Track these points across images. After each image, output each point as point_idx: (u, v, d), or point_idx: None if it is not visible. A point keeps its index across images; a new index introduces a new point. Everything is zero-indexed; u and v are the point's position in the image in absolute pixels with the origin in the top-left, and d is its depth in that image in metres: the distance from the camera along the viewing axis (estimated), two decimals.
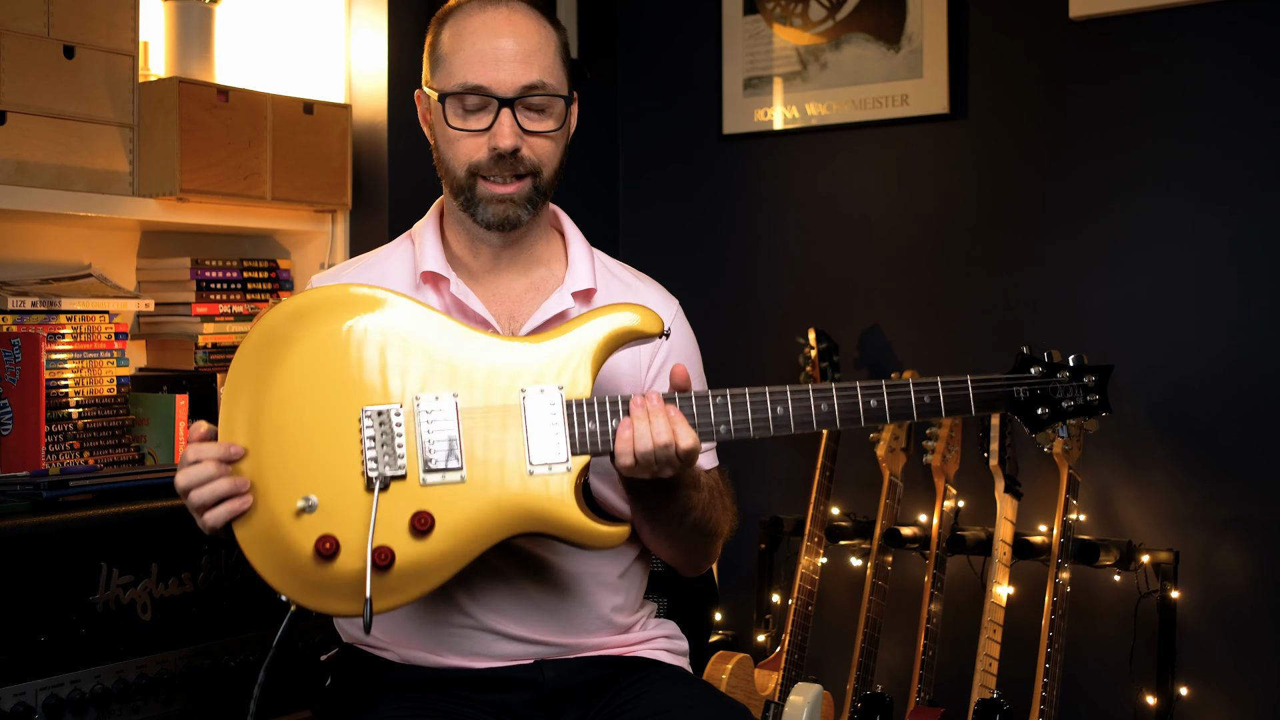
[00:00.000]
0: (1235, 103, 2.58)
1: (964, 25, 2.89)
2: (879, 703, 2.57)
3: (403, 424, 1.50)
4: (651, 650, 1.77)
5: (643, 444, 1.50)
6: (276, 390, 1.50)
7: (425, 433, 1.50)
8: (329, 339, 1.53)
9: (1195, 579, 2.60)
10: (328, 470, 1.48)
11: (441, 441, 1.50)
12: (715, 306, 3.22)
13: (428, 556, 1.47)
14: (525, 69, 1.66)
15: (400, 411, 1.51)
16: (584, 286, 1.76)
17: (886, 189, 3.01)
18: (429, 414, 1.51)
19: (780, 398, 1.58)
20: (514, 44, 1.66)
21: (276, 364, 1.51)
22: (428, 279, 1.74)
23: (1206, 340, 2.61)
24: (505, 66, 1.66)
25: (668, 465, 1.52)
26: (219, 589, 2.04)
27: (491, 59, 1.66)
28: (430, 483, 1.49)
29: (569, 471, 1.51)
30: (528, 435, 1.51)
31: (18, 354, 2.18)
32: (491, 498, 1.50)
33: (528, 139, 1.67)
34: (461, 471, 1.50)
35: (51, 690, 1.83)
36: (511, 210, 1.68)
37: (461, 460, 1.50)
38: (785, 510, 3.03)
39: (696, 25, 3.28)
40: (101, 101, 2.32)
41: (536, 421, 1.52)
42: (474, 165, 1.68)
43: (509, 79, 1.65)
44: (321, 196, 2.63)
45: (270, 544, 1.46)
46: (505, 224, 1.69)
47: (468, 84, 1.66)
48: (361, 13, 2.82)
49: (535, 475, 1.51)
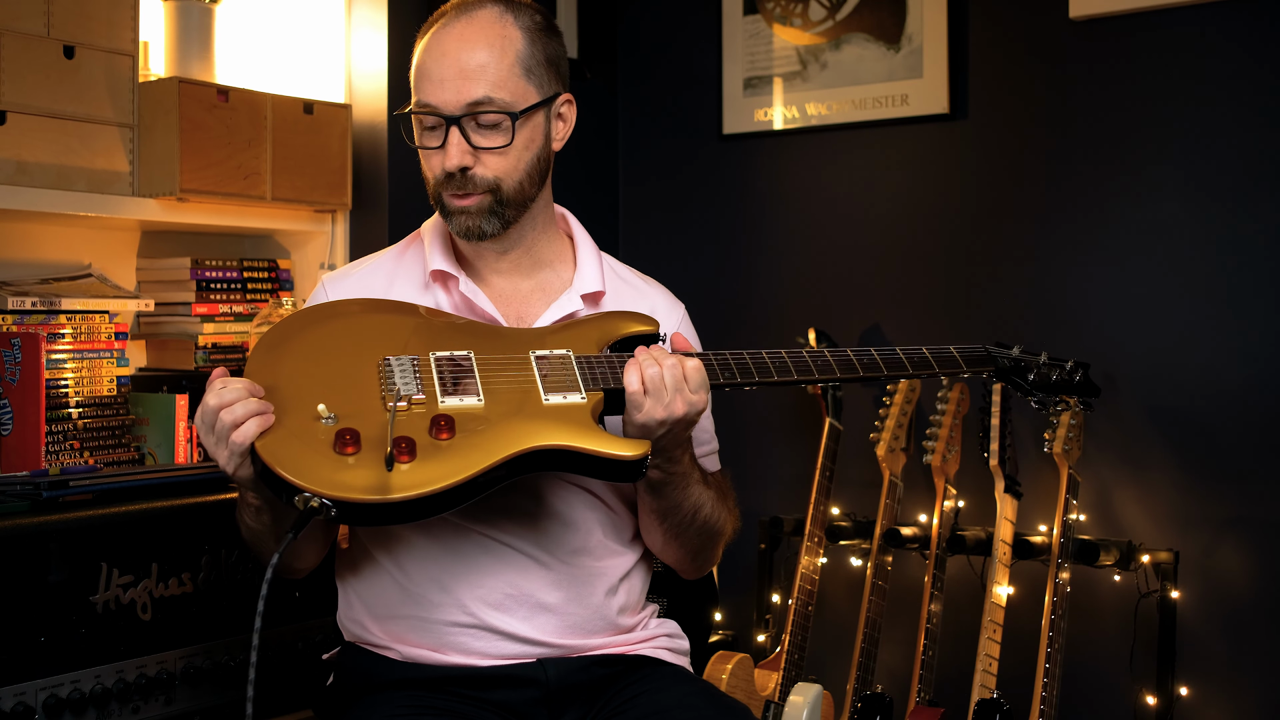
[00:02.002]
0: (1235, 102, 2.58)
1: (964, 25, 2.89)
2: (879, 703, 2.57)
3: (420, 368, 1.56)
4: (653, 650, 1.78)
5: (650, 369, 1.54)
6: (296, 350, 1.58)
7: (443, 372, 1.55)
8: (351, 322, 1.63)
9: (1195, 579, 2.60)
10: (349, 397, 1.52)
11: (458, 376, 1.55)
12: (715, 306, 3.22)
13: (449, 453, 1.47)
14: (470, 86, 1.66)
15: (418, 360, 1.57)
16: (593, 289, 1.76)
17: (886, 189, 3.01)
18: (447, 360, 1.57)
19: (777, 356, 1.67)
20: (460, 61, 1.66)
21: (299, 337, 1.61)
22: (437, 278, 1.75)
23: (1206, 340, 2.61)
24: (449, 85, 1.66)
25: (678, 397, 1.54)
26: (219, 589, 2.04)
27: (438, 77, 1.67)
28: (448, 404, 1.52)
29: (584, 400, 1.54)
30: (540, 378, 1.56)
31: (18, 354, 2.18)
32: (509, 417, 1.52)
33: (480, 155, 1.68)
34: (479, 398, 1.53)
35: (51, 690, 1.83)
36: (472, 222, 1.69)
37: (479, 391, 1.54)
38: (785, 510, 3.03)
39: (696, 25, 3.28)
40: (101, 101, 2.32)
41: (548, 370, 1.58)
42: (436, 180, 1.71)
43: (453, 98, 1.66)
44: (321, 196, 2.63)
45: (292, 443, 1.46)
46: (470, 235, 1.71)
47: (420, 102, 1.69)
48: (361, 13, 2.82)
49: (550, 403, 1.54)
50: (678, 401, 1.54)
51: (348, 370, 1.55)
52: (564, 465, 1.52)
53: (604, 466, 1.51)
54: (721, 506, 1.74)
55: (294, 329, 1.62)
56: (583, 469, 1.52)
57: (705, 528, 1.71)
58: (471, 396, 1.53)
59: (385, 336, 1.60)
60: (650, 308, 1.81)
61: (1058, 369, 1.90)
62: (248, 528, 1.66)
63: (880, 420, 2.77)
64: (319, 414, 1.48)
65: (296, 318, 1.65)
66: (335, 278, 1.82)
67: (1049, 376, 1.88)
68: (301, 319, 1.65)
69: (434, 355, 1.57)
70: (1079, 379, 1.91)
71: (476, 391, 1.53)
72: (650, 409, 1.53)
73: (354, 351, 1.58)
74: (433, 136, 1.70)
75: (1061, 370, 1.90)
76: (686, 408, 1.54)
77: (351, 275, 1.81)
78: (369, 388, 1.53)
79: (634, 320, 1.68)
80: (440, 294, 1.75)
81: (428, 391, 1.52)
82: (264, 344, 1.60)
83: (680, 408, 1.54)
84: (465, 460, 1.45)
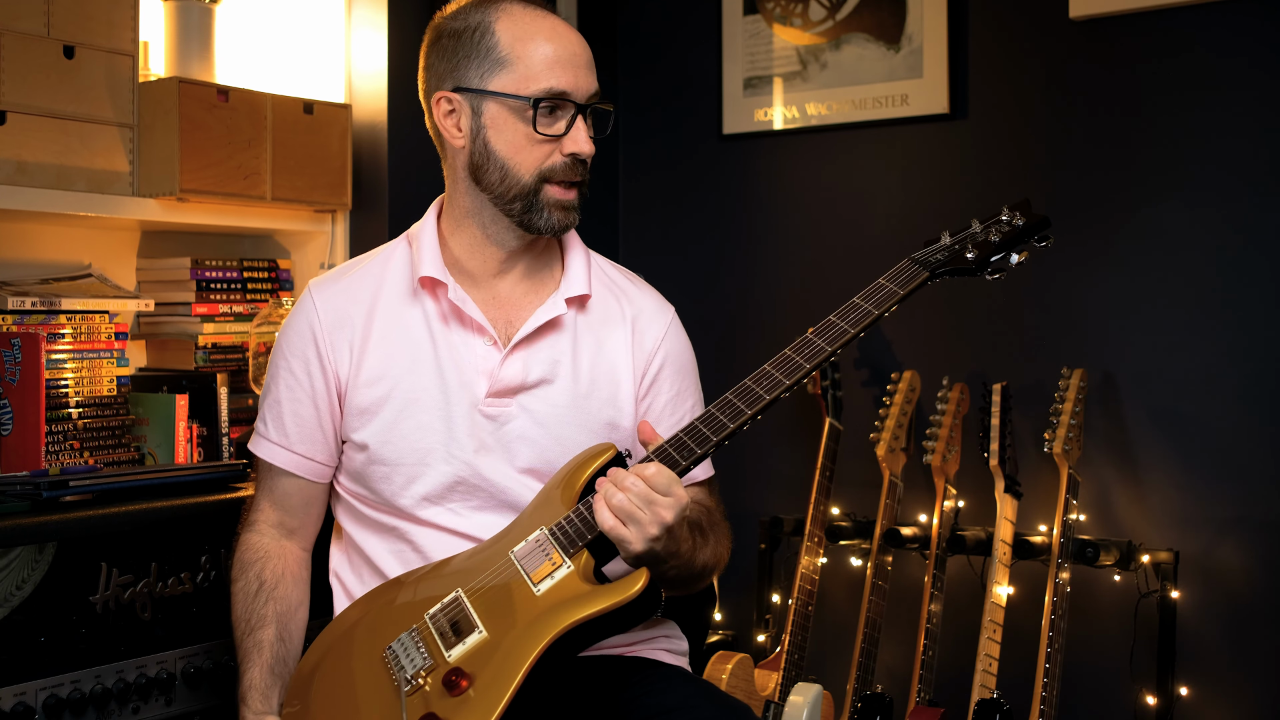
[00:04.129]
0: (1236, 102, 2.58)
1: (964, 25, 2.89)
2: (879, 703, 2.57)
3: (421, 634, 1.56)
4: (651, 650, 1.78)
5: (615, 499, 1.51)
6: (320, 701, 1.63)
7: (441, 627, 1.55)
8: (352, 639, 1.66)
9: (1195, 579, 2.60)
10: (378, 708, 1.54)
11: (455, 620, 1.55)
12: (715, 307, 3.22)
13: (477, 699, 1.47)
14: (593, 76, 1.70)
15: (416, 629, 1.57)
16: (578, 293, 1.77)
17: (886, 189, 3.01)
18: (441, 612, 1.57)
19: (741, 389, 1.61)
20: (584, 51, 1.70)
21: (314, 687, 1.66)
22: (425, 284, 1.75)
23: (1207, 340, 2.61)
24: (583, 73, 1.68)
25: (656, 509, 1.50)
26: (219, 589, 2.04)
27: (571, 64, 1.67)
28: (455, 654, 1.52)
29: (572, 569, 1.53)
30: (527, 574, 1.55)
31: (18, 354, 2.18)
32: (514, 629, 1.51)
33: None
34: (480, 630, 1.52)
35: (51, 690, 1.83)
36: (572, 217, 1.72)
37: (478, 624, 1.53)
38: (785, 510, 3.03)
39: (696, 25, 3.28)
40: (101, 101, 2.32)
41: (529, 560, 1.56)
42: (546, 171, 1.68)
43: (586, 86, 1.68)
44: (321, 196, 2.63)
45: None
46: (564, 228, 1.72)
47: (553, 89, 1.66)
48: (361, 13, 2.82)
49: (543, 590, 1.53)
50: (659, 512, 1.50)
51: (367, 684, 1.56)
52: (591, 635, 1.52)
53: (622, 616, 1.51)
54: (719, 544, 1.74)
55: (306, 679, 1.66)
56: (608, 628, 1.52)
57: (705, 572, 1.71)
58: (473, 633, 1.53)
59: (382, 628, 1.61)
60: (636, 311, 1.81)
61: (994, 225, 1.74)
62: None
63: (880, 420, 2.77)
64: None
65: (308, 661, 1.69)
66: (322, 285, 1.81)
67: (991, 240, 1.73)
68: (311, 663, 1.68)
69: (427, 615, 1.57)
70: (1022, 221, 1.73)
71: (476, 626, 1.53)
72: (635, 534, 1.50)
73: (366, 662, 1.59)
74: (552, 123, 1.68)
75: (999, 225, 1.74)
76: (672, 513, 1.51)
77: (340, 281, 1.81)
78: (386, 688, 1.54)
79: (590, 459, 1.64)
80: (428, 301, 1.75)
81: (434, 655, 1.53)
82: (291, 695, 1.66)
83: (667, 515, 1.51)
84: (490, 697, 1.46)
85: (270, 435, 1.80)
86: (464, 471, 1.71)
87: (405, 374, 1.73)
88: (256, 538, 1.81)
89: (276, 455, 1.79)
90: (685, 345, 1.86)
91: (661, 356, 1.80)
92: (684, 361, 1.84)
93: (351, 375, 1.75)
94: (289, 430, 1.78)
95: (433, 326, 1.74)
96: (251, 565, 1.79)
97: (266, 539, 1.81)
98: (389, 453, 1.72)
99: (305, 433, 1.78)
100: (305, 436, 1.78)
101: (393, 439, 1.72)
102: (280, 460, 1.79)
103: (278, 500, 1.81)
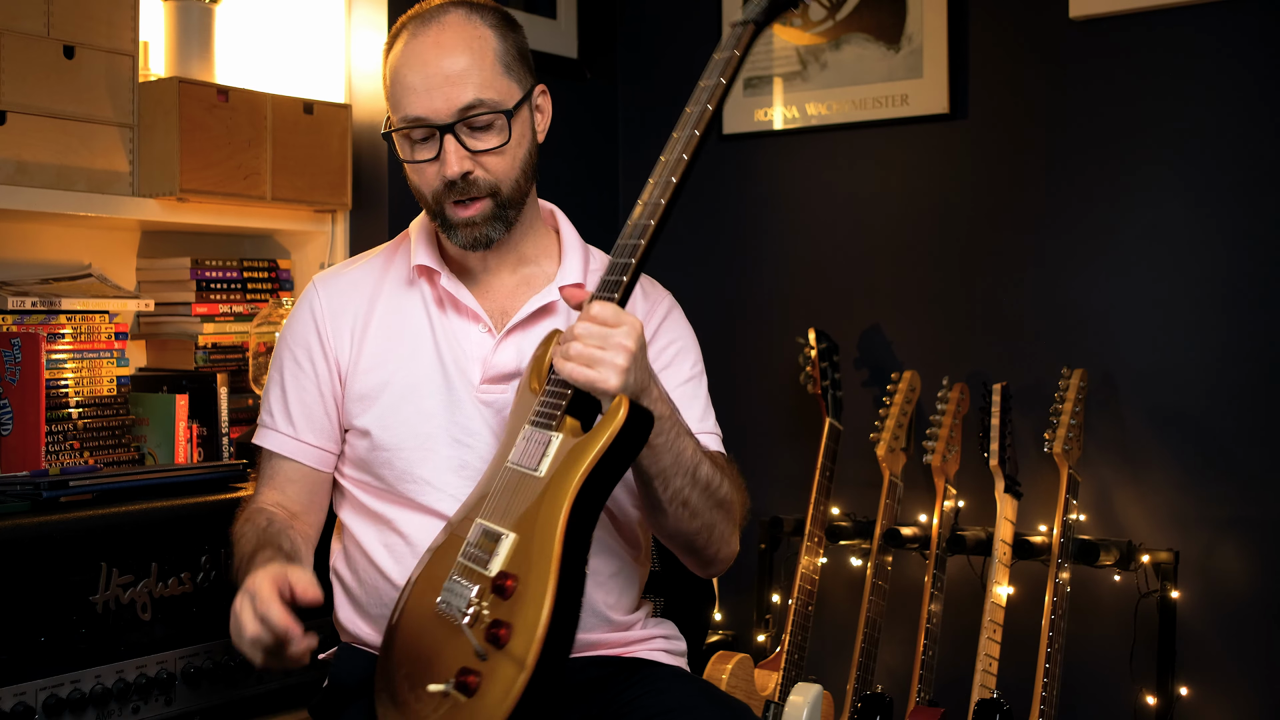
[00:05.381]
0: (1236, 102, 2.58)
1: (964, 25, 2.89)
2: (879, 703, 2.57)
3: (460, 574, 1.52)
4: (649, 651, 1.77)
5: (573, 348, 1.48)
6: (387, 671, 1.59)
7: (475, 553, 1.51)
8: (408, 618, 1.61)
9: (1195, 579, 2.60)
10: (444, 657, 1.49)
11: (487, 542, 1.51)
12: (715, 306, 3.21)
13: (527, 591, 1.43)
14: (459, 91, 1.65)
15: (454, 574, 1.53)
16: (573, 280, 1.77)
17: (886, 189, 3.01)
18: (471, 544, 1.53)
19: (635, 229, 1.56)
20: (443, 69, 1.65)
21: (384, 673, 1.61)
22: (421, 272, 1.78)
23: (1207, 340, 2.61)
24: (438, 93, 1.65)
25: (612, 342, 1.47)
26: (219, 589, 2.04)
27: (424, 88, 1.66)
28: (495, 565, 1.47)
29: (560, 438, 1.50)
30: (524, 468, 1.53)
31: (18, 354, 2.18)
32: (537, 517, 1.47)
33: (479, 159, 1.67)
34: (508, 534, 1.49)
35: (51, 690, 1.83)
36: (479, 231, 1.70)
37: (505, 529, 1.50)
38: (785, 510, 3.03)
39: (696, 25, 3.28)
40: (101, 101, 2.32)
41: (525, 456, 1.53)
42: (434, 193, 1.70)
43: (443, 105, 1.65)
44: (321, 196, 2.63)
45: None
46: (477, 245, 1.71)
47: (407, 117, 1.67)
48: (361, 13, 2.82)
49: (544, 470, 1.49)
50: (619, 341, 1.48)
51: (435, 644, 1.52)
52: (606, 483, 1.49)
53: (624, 448, 1.47)
54: (723, 474, 1.68)
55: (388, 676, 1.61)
56: (616, 469, 1.48)
57: (710, 491, 1.64)
58: (502, 541, 1.49)
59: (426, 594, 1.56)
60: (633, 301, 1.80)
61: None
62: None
63: (880, 420, 2.77)
64: (439, 691, 1.45)
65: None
66: (326, 278, 1.84)
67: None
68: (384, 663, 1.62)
69: (459, 557, 1.53)
70: None
71: (501, 534, 1.50)
72: (605, 372, 1.47)
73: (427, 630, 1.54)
74: (425, 149, 1.69)
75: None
76: (631, 339, 1.48)
77: (343, 276, 1.83)
78: (452, 635, 1.49)
79: (543, 348, 1.64)
80: (425, 288, 1.78)
81: (478, 580, 1.48)
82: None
83: (627, 342, 1.48)
84: (539, 576, 1.42)
85: (277, 426, 1.81)
86: (467, 455, 1.71)
87: (406, 360, 1.75)
88: (259, 505, 1.79)
89: (284, 445, 1.80)
90: (686, 329, 1.86)
91: (663, 342, 1.80)
92: (685, 343, 1.84)
93: (352, 362, 1.77)
94: (296, 419, 1.79)
95: (431, 313, 1.77)
96: (260, 513, 1.76)
97: (270, 508, 1.80)
98: (390, 438, 1.73)
99: (312, 421, 1.79)
100: (312, 425, 1.79)
101: (393, 424, 1.73)
102: (288, 450, 1.80)
103: (279, 488, 1.81)
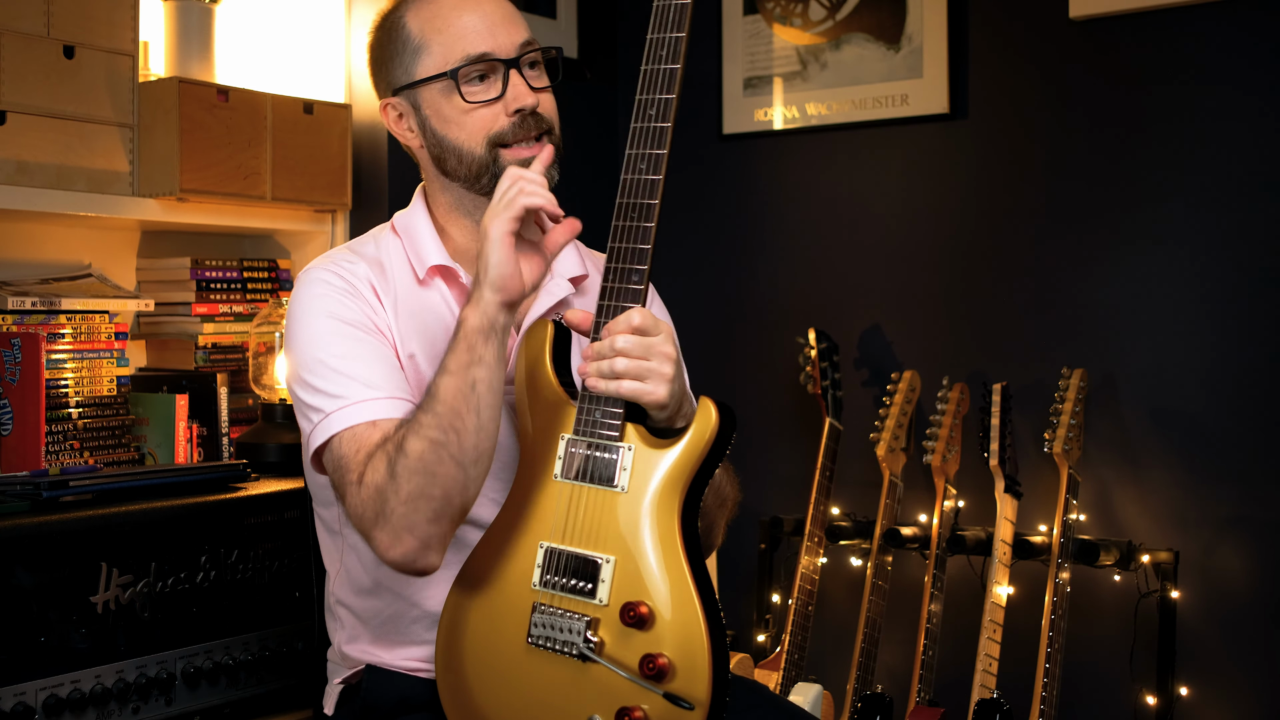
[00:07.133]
0: (1236, 102, 2.58)
1: (964, 25, 2.89)
2: (879, 703, 2.57)
3: (548, 608, 1.44)
4: None
5: (619, 365, 1.44)
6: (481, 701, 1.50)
7: (559, 585, 1.43)
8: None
9: (1195, 579, 2.60)
10: (575, 698, 1.41)
11: (568, 573, 1.44)
12: (715, 306, 3.21)
13: (668, 608, 1.37)
14: (517, 28, 1.65)
15: (538, 607, 1.44)
16: (577, 273, 1.75)
17: (886, 189, 3.01)
18: (546, 574, 1.45)
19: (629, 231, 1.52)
20: (500, 7, 1.66)
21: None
22: (437, 272, 1.70)
23: (1206, 340, 2.61)
24: (500, 30, 1.64)
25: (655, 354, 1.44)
26: (219, 589, 2.04)
27: (485, 26, 1.63)
28: (606, 593, 1.40)
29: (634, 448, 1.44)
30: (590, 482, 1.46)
31: (18, 354, 2.18)
32: (641, 531, 1.41)
33: (538, 95, 1.65)
34: (603, 560, 1.41)
35: (51, 690, 1.83)
36: (550, 173, 1.61)
37: (594, 556, 1.42)
38: (785, 510, 3.03)
39: (696, 25, 3.27)
40: (101, 101, 2.32)
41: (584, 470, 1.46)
42: (495, 136, 1.63)
43: (507, 40, 1.64)
44: (321, 196, 2.63)
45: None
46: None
47: (470, 55, 1.62)
48: (361, 13, 2.82)
49: (625, 482, 1.43)
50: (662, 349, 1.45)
51: (539, 682, 1.42)
52: (701, 489, 1.43)
53: (718, 449, 1.42)
54: (723, 468, 1.65)
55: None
56: (709, 472, 1.44)
57: (715, 489, 1.63)
58: (602, 566, 1.39)
59: (505, 630, 1.46)
60: None
61: None
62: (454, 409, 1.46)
63: (880, 420, 2.77)
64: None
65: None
66: (321, 262, 1.70)
67: None
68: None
69: (534, 586, 1.43)
70: None
71: (596, 559, 1.40)
72: (655, 384, 1.43)
73: (522, 664, 1.44)
74: (486, 88, 1.63)
75: None
76: (670, 344, 1.46)
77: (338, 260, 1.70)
78: (561, 670, 1.40)
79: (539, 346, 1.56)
80: (442, 286, 1.69)
81: (583, 609, 1.39)
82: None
83: (669, 349, 1.45)
84: (683, 605, 1.34)
85: (356, 396, 1.53)
86: (503, 456, 1.61)
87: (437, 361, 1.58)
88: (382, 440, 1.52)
89: (378, 409, 1.53)
90: (664, 310, 1.85)
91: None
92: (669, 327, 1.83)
93: (390, 328, 1.64)
94: (375, 379, 1.56)
95: (454, 310, 1.68)
96: (395, 430, 1.51)
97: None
98: None
99: (390, 373, 1.57)
100: (392, 378, 1.57)
101: None
102: (384, 411, 1.53)
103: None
